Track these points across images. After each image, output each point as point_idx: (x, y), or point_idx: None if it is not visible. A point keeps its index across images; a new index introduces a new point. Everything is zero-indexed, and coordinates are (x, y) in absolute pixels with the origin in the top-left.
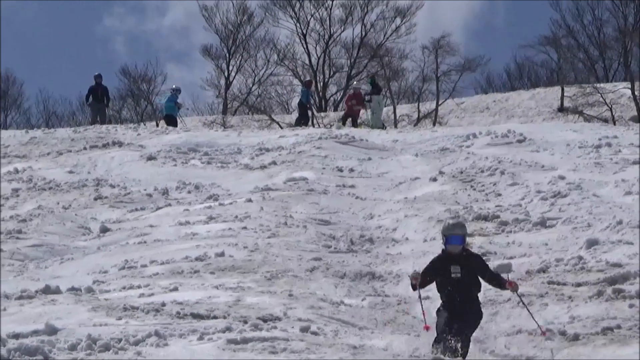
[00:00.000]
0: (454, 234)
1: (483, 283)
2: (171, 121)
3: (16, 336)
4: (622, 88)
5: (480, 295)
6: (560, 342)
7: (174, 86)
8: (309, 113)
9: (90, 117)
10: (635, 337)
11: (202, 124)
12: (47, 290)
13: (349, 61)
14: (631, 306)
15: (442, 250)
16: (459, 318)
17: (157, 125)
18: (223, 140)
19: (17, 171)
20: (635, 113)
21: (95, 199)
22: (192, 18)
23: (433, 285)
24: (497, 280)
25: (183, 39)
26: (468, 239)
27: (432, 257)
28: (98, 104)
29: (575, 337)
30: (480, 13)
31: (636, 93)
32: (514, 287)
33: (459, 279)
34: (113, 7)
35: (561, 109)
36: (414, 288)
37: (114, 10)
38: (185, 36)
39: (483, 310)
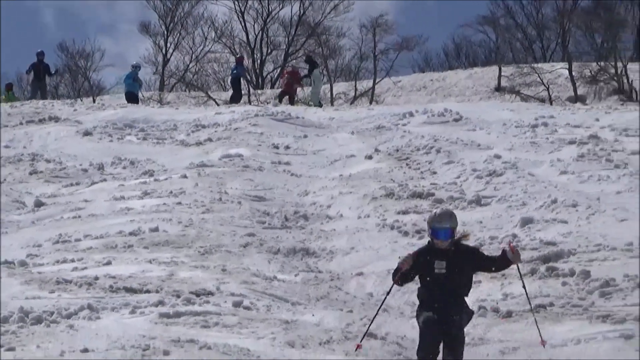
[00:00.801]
0: (441, 227)
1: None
2: (132, 98)
3: None
4: (560, 68)
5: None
6: (492, 318)
7: (134, 62)
8: (242, 89)
9: (30, 94)
10: (568, 314)
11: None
12: None
13: (286, 39)
14: (564, 284)
15: (428, 242)
16: (444, 322)
17: (94, 101)
18: (159, 116)
19: None
20: (572, 93)
21: (31, 174)
22: None
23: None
24: (497, 261)
25: (118, 15)
26: (465, 229)
27: (370, 233)
28: (39, 82)
29: (508, 314)
30: None
31: (574, 74)
32: (515, 254)
33: (444, 275)
34: None
35: (498, 89)
36: (397, 280)
37: None
38: (122, 13)
39: None
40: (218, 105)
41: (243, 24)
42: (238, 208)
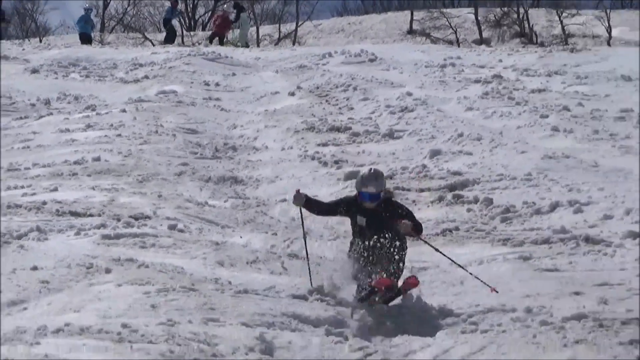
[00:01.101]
0: (366, 191)
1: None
2: (85, 39)
3: None
4: (467, 13)
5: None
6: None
7: (86, 5)
8: (175, 31)
9: None
10: (472, 238)
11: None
12: None
13: None
14: (469, 210)
15: (356, 195)
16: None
17: (41, 41)
18: (101, 56)
19: None
20: (478, 36)
21: None
22: None
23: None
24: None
25: None
26: (388, 187)
27: (293, 163)
28: None
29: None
30: None
31: (479, 18)
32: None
33: (365, 228)
34: None
35: (410, 32)
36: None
37: None
38: None
39: None
40: (154, 45)
41: None
42: (173, 140)
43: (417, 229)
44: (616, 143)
